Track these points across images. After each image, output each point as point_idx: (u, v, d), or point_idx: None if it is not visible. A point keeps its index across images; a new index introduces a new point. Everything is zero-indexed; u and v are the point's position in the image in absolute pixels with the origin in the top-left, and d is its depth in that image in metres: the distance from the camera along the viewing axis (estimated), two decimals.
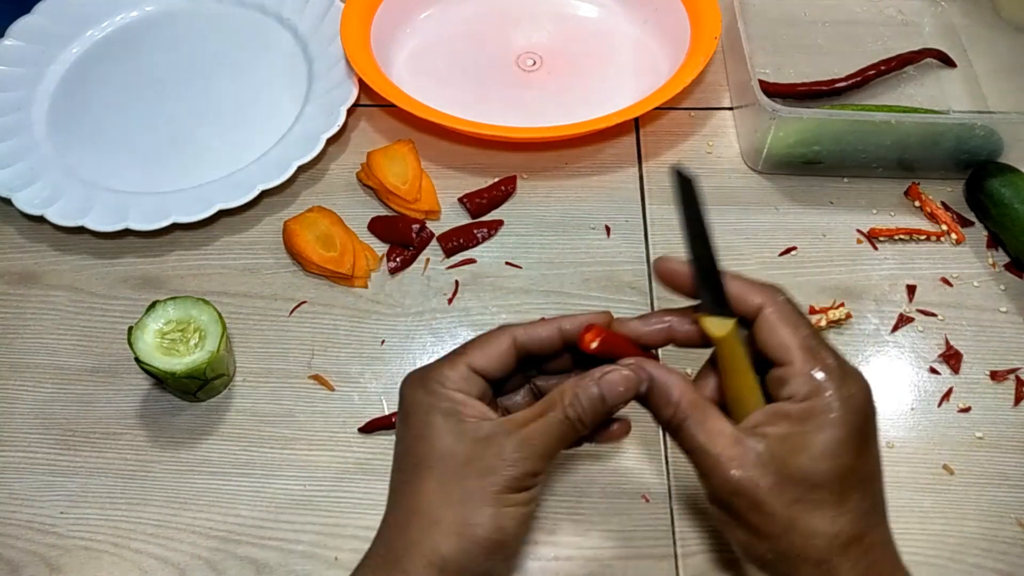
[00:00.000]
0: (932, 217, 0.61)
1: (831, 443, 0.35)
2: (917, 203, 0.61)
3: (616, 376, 0.37)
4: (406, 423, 0.39)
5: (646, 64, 0.69)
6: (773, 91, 0.66)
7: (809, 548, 0.35)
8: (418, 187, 0.61)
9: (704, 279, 0.39)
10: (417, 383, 0.39)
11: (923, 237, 0.60)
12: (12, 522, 0.49)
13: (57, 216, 0.59)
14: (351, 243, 0.58)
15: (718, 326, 0.38)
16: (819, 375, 0.36)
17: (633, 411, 0.40)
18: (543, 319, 0.40)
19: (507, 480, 0.36)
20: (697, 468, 0.37)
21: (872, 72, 0.68)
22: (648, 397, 0.38)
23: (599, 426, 0.39)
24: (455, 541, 0.35)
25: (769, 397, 0.38)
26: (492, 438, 0.36)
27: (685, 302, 0.41)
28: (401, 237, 0.60)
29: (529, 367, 0.42)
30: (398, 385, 0.40)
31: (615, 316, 0.41)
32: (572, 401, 0.37)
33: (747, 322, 0.38)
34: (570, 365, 0.42)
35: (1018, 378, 0.54)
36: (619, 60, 0.70)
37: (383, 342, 0.56)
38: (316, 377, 0.54)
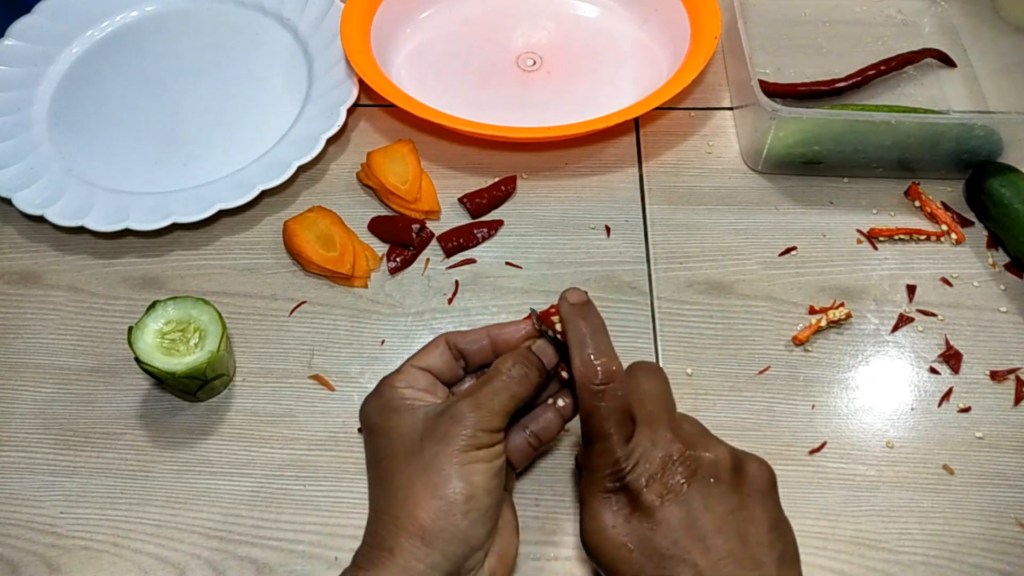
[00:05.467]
0: (932, 217, 0.61)
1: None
2: (917, 203, 0.61)
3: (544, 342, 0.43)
4: (368, 432, 0.43)
5: (646, 64, 0.69)
6: (773, 91, 0.66)
7: None
8: (418, 187, 0.61)
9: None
10: (371, 397, 0.43)
11: (923, 237, 0.60)
12: (12, 522, 0.49)
13: (57, 216, 0.59)
14: (351, 243, 0.58)
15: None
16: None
17: None
18: (480, 328, 0.45)
19: (466, 439, 0.39)
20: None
21: (872, 72, 0.68)
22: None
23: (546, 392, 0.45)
24: (431, 505, 0.38)
25: None
26: (447, 409, 0.40)
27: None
28: (401, 237, 0.60)
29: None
30: None
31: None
32: (513, 362, 0.41)
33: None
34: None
35: (1018, 378, 0.54)
36: (619, 60, 0.70)
37: (383, 342, 0.56)
38: (316, 377, 0.54)
